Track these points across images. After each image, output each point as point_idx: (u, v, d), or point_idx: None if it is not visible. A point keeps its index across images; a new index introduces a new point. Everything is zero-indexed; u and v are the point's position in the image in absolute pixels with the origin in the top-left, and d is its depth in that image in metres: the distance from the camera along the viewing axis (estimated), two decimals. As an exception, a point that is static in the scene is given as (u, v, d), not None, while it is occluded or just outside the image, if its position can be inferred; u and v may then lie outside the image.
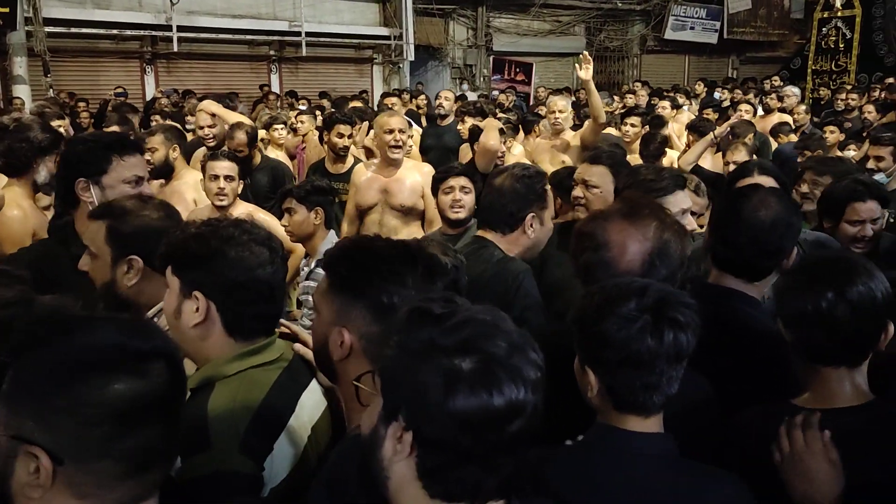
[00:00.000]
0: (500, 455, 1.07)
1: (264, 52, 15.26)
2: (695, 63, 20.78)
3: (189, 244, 1.64)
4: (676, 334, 1.44)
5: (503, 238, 2.60)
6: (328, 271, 1.56)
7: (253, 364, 1.63)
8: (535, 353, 1.10)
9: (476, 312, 1.12)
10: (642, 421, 1.49)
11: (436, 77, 17.37)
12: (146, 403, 1.08)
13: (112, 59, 13.96)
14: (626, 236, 1.82)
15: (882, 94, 10.83)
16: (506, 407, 1.04)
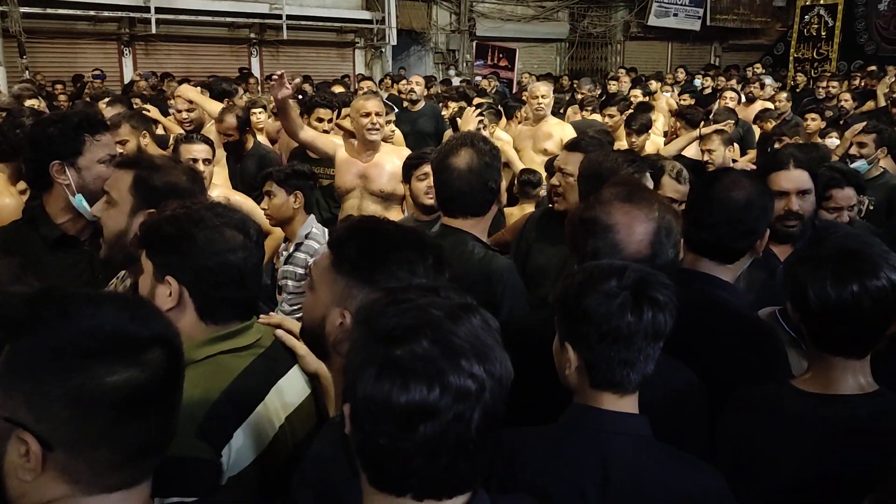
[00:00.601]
0: (411, 456, 1.03)
1: (244, 35, 15.11)
2: (678, 50, 20.83)
3: (161, 227, 1.62)
4: (655, 313, 1.48)
5: (480, 220, 2.43)
6: (335, 251, 1.53)
7: (223, 349, 1.61)
8: (479, 364, 1.04)
9: (432, 305, 1.08)
10: (617, 399, 1.51)
11: (418, 62, 17.29)
12: (144, 394, 1.06)
13: (89, 40, 13.77)
14: (632, 217, 1.82)
15: (862, 82, 10.92)
16: (408, 405, 1.00)
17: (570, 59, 19.36)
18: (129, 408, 1.06)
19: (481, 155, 2.39)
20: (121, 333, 1.07)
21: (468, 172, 2.37)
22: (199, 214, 1.63)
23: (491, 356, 1.06)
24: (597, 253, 1.80)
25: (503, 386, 1.07)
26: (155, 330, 1.11)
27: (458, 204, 2.42)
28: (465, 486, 1.09)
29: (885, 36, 16.34)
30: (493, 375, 1.05)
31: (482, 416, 1.03)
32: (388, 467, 1.06)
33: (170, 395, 1.13)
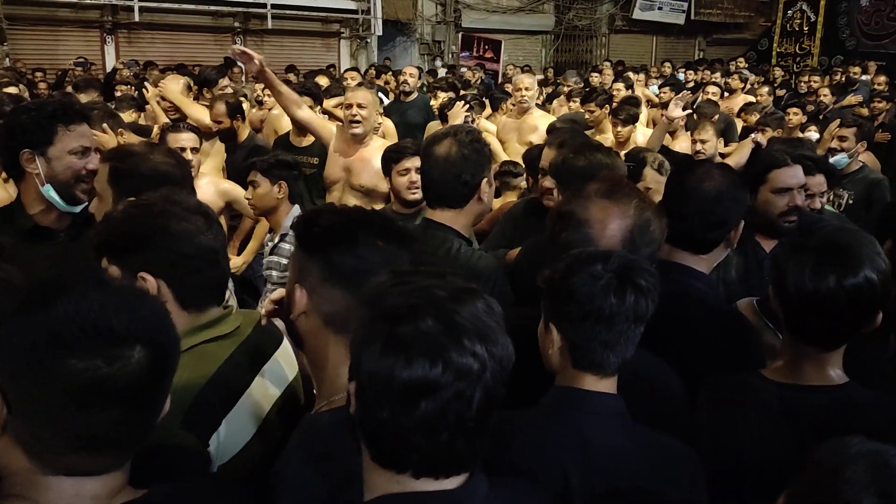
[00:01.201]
0: (412, 432, 1.06)
1: (228, 23, 14.98)
2: (662, 44, 20.87)
3: (124, 229, 1.62)
4: (637, 297, 1.52)
5: (459, 213, 2.39)
6: (295, 232, 1.57)
7: (207, 338, 1.62)
8: (481, 344, 1.07)
9: (437, 287, 1.11)
10: (598, 381, 1.55)
11: (404, 53, 17.22)
12: (103, 387, 1.06)
13: (71, 28, 13.61)
14: (607, 214, 1.84)
15: (842, 77, 11.01)
16: (410, 381, 1.04)
17: (555, 51, 19.35)
18: (82, 397, 1.05)
19: (461, 146, 2.36)
20: (97, 324, 1.06)
21: (443, 162, 2.36)
22: (160, 207, 1.63)
23: (493, 337, 1.09)
24: (568, 245, 1.82)
25: (504, 368, 1.10)
26: (140, 328, 1.10)
27: (433, 193, 2.42)
28: (463, 466, 1.12)
29: (866, 31, 16.46)
30: (495, 356, 1.08)
31: (483, 395, 1.07)
32: (389, 443, 1.08)
33: (142, 394, 1.11)
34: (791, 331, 1.72)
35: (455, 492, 1.12)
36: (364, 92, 4.56)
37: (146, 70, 11.69)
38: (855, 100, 9.47)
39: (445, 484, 1.11)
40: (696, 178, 2.18)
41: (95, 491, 1.13)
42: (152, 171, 2.04)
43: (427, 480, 1.10)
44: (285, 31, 15.51)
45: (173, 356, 1.18)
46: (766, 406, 1.70)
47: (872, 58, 13.90)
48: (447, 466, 1.11)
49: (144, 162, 2.07)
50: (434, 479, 1.10)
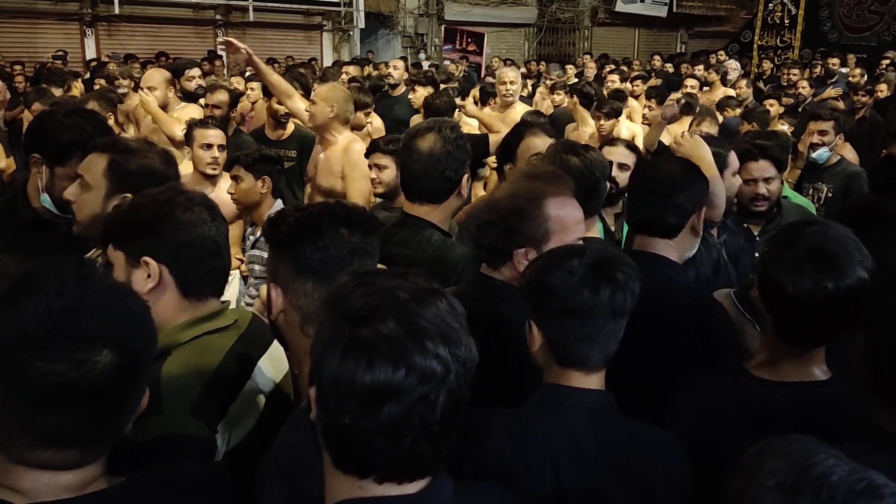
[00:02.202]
0: (375, 436, 1.04)
1: (210, 16, 14.88)
2: (644, 36, 20.94)
3: (131, 216, 1.64)
4: (613, 290, 1.53)
5: (437, 208, 2.39)
6: (265, 233, 1.59)
7: (208, 329, 1.64)
8: (444, 346, 1.05)
9: (400, 288, 1.09)
10: (584, 377, 1.56)
11: (386, 45, 17.17)
12: (68, 391, 1.06)
13: (50, 20, 13.48)
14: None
15: (822, 69, 11.10)
16: (372, 385, 1.01)
17: (538, 44, 19.37)
18: (47, 399, 1.06)
19: (445, 142, 2.35)
20: (65, 326, 1.06)
21: (427, 157, 2.34)
22: (166, 196, 1.67)
23: (456, 339, 1.07)
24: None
25: (468, 370, 1.08)
26: (111, 331, 1.09)
27: (415, 187, 2.40)
28: (427, 470, 1.10)
29: (847, 24, 16.57)
30: (459, 358, 1.06)
31: (447, 398, 1.04)
32: (351, 448, 1.06)
33: (109, 397, 1.10)
34: (779, 333, 1.71)
35: (416, 496, 1.09)
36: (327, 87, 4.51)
37: (126, 63, 11.59)
38: (834, 92, 9.54)
39: (408, 488, 1.09)
40: (653, 166, 2.35)
41: (67, 482, 1.13)
42: (149, 168, 2.05)
43: (390, 485, 1.08)
44: (267, 23, 15.42)
45: (145, 359, 1.17)
46: (752, 403, 1.71)
47: (854, 50, 14.02)
48: (411, 471, 1.09)
49: (143, 159, 2.08)
50: (397, 484, 1.08)
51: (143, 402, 1.21)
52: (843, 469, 0.94)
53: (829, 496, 0.92)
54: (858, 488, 0.92)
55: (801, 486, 0.93)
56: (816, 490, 0.92)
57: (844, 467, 0.95)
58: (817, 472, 0.94)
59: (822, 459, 0.96)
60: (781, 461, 0.97)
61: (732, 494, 1.00)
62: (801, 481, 0.94)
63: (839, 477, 0.93)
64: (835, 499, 0.91)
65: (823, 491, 0.92)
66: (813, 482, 0.93)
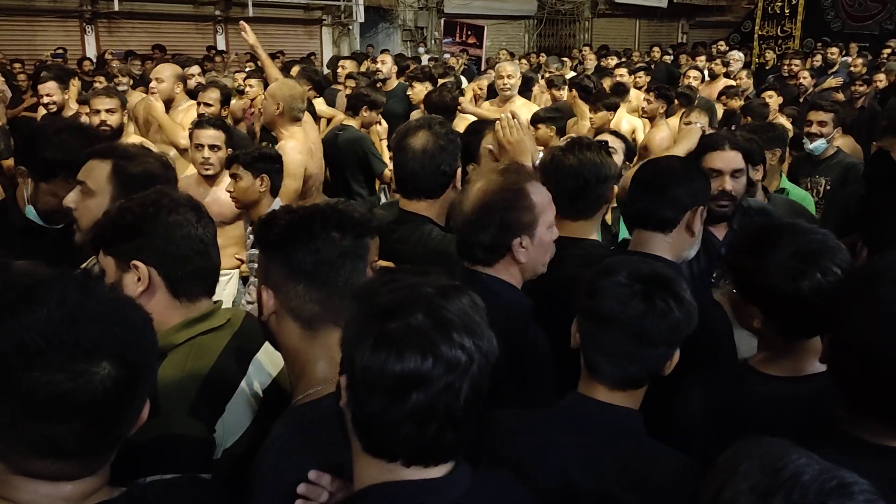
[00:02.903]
0: (402, 423, 1.10)
1: (209, 12, 14.87)
2: (645, 27, 20.88)
3: (117, 220, 1.66)
4: (646, 311, 1.51)
5: (434, 203, 2.43)
6: (256, 236, 1.60)
7: (201, 330, 1.66)
8: (469, 338, 1.11)
9: (424, 284, 1.16)
10: (609, 392, 1.56)
11: (386, 39, 17.15)
12: (64, 402, 1.05)
13: (50, 18, 13.47)
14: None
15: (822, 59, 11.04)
16: (402, 374, 1.08)
17: (538, 36, 19.33)
18: (43, 410, 1.05)
19: (437, 138, 2.39)
20: (63, 337, 1.05)
21: (422, 154, 2.38)
22: (152, 198, 1.68)
23: (479, 332, 1.14)
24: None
25: (489, 361, 1.15)
26: (110, 343, 1.09)
27: (412, 185, 2.43)
28: (450, 455, 1.17)
29: (850, 13, 16.51)
30: (481, 350, 1.13)
31: (470, 387, 1.11)
32: (380, 434, 1.13)
33: (106, 409, 1.10)
34: (782, 332, 1.72)
35: (440, 480, 1.16)
36: (273, 84, 4.51)
37: (127, 60, 11.60)
38: (835, 82, 9.51)
39: (432, 472, 1.16)
40: (653, 161, 2.32)
41: (67, 493, 1.13)
42: (151, 172, 2.08)
43: (416, 469, 1.15)
44: (267, 18, 15.40)
45: (145, 371, 1.16)
46: (769, 400, 1.70)
47: (857, 39, 13.96)
48: (436, 455, 1.15)
49: (144, 163, 2.10)
50: (423, 468, 1.15)
51: (144, 414, 1.20)
52: (815, 469, 0.97)
53: (800, 496, 0.95)
54: (829, 487, 0.95)
55: (773, 488, 0.96)
56: (789, 490, 0.95)
57: (816, 467, 0.98)
58: (789, 472, 0.97)
59: (794, 460, 0.98)
60: (754, 463, 0.99)
61: (708, 498, 1.02)
62: (774, 482, 0.96)
63: (810, 476, 0.96)
64: (806, 498, 0.95)
65: (795, 491, 0.95)
66: (785, 483, 0.96)
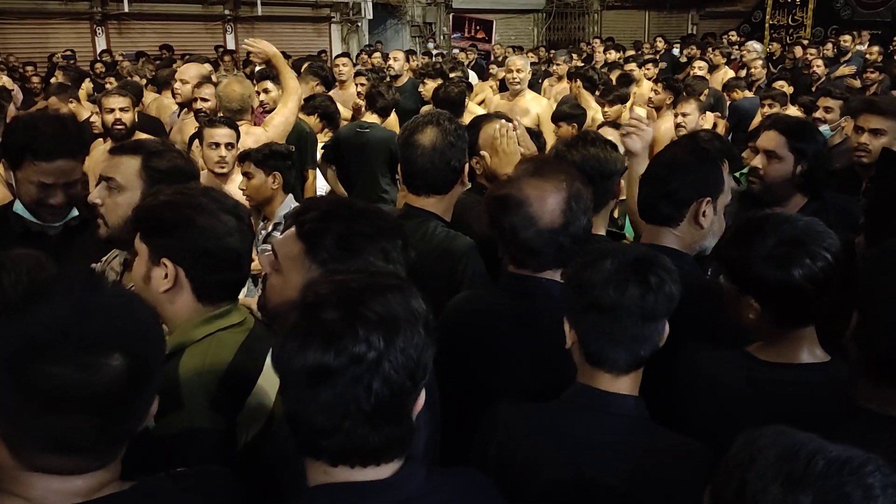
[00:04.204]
0: (316, 417, 1.10)
1: (219, 11, 14.93)
2: (654, 18, 20.76)
3: (159, 211, 1.66)
4: (643, 292, 1.52)
5: (442, 199, 2.42)
6: (309, 241, 1.55)
7: (220, 327, 1.67)
8: (375, 335, 1.09)
9: (353, 280, 1.16)
10: (613, 379, 1.56)
11: (395, 35, 17.16)
12: (74, 394, 1.06)
13: (61, 20, 13.57)
14: (542, 190, 1.89)
15: (834, 48, 10.98)
16: (303, 367, 1.09)
17: (547, 29, 19.27)
18: (54, 402, 1.06)
19: (446, 134, 2.38)
20: (71, 330, 1.07)
21: (431, 150, 2.37)
22: (197, 199, 1.67)
23: (395, 328, 1.10)
24: (514, 228, 1.87)
25: (411, 359, 1.11)
26: (119, 336, 1.10)
27: (421, 181, 2.42)
28: (387, 455, 1.15)
29: (861, 1, 16.39)
30: (396, 347, 1.10)
31: (383, 384, 1.08)
32: (301, 430, 1.14)
33: (116, 402, 1.11)
34: (777, 320, 1.71)
35: (383, 482, 1.15)
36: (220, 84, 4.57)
37: (138, 61, 11.67)
38: (848, 70, 9.44)
39: (375, 473, 1.15)
40: (660, 154, 2.25)
41: (77, 487, 1.14)
42: (178, 167, 2.10)
43: (355, 470, 1.14)
44: (276, 17, 15.45)
45: (154, 366, 1.18)
46: (763, 384, 1.71)
47: (868, 26, 13.85)
48: (361, 456, 1.13)
49: (171, 158, 2.12)
50: (361, 469, 1.14)
51: (154, 409, 1.21)
52: (831, 451, 0.97)
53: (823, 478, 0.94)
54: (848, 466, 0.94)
55: (794, 475, 0.95)
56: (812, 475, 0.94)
57: (831, 449, 0.97)
58: (805, 457, 0.96)
59: (806, 444, 0.98)
60: (770, 453, 0.98)
61: (732, 493, 1.00)
62: (793, 470, 0.96)
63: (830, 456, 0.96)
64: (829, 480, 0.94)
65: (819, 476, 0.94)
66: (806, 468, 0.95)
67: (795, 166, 2.78)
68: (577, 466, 1.50)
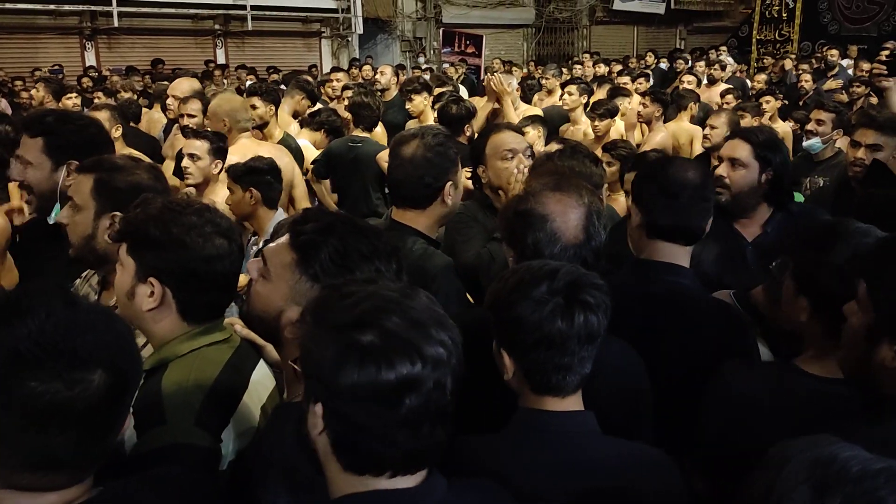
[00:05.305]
0: (398, 430, 1.10)
1: (209, 26, 14.94)
2: (643, 34, 20.92)
3: (149, 227, 1.62)
4: (587, 316, 1.48)
5: (422, 214, 2.38)
6: (303, 253, 1.52)
7: (206, 343, 1.65)
8: (443, 331, 1.12)
9: (382, 289, 1.16)
10: (560, 401, 1.52)
11: (385, 50, 17.20)
12: (62, 411, 1.06)
13: (50, 35, 13.55)
14: (564, 205, 1.85)
15: (822, 63, 11.06)
16: (396, 382, 1.07)
17: (536, 44, 19.37)
18: (40, 419, 1.05)
19: (426, 149, 2.35)
20: (60, 345, 1.06)
21: (408, 163, 2.35)
22: (190, 220, 1.63)
23: (448, 323, 1.15)
24: (537, 244, 1.82)
25: (461, 350, 1.15)
26: (103, 352, 1.10)
27: (397, 193, 2.42)
28: (436, 456, 1.17)
29: (847, 15, 16.55)
30: (455, 341, 1.13)
31: (453, 379, 1.12)
32: (372, 447, 1.11)
33: (99, 418, 1.11)
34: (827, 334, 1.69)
35: (413, 489, 1.16)
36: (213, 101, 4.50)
37: (128, 75, 11.64)
38: (835, 84, 9.51)
39: (405, 482, 1.15)
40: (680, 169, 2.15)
41: (51, 502, 1.13)
42: (137, 184, 2.03)
43: (388, 479, 1.14)
44: (266, 31, 15.47)
45: (133, 381, 1.18)
46: (805, 396, 1.69)
47: (855, 41, 13.99)
48: (426, 458, 1.16)
49: (131, 175, 2.06)
50: (398, 477, 1.14)
51: (127, 424, 1.21)
52: (863, 459, 0.95)
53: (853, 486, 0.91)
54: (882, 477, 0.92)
55: (826, 481, 0.93)
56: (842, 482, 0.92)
57: (864, 458, 0.95)
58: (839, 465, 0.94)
59: (841, 453, 0.96)
60: (804, 458, 0.97)
61: (759, 494, 0.99)
62: (825, 476, 0.94)
63: (860, 467, 0.93)
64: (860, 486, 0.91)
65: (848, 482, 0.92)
66: (837, 475, 0.93)
67: (761, 174, 2.79)
68: (541, 493, 1.45)
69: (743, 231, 2.85)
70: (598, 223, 1.88)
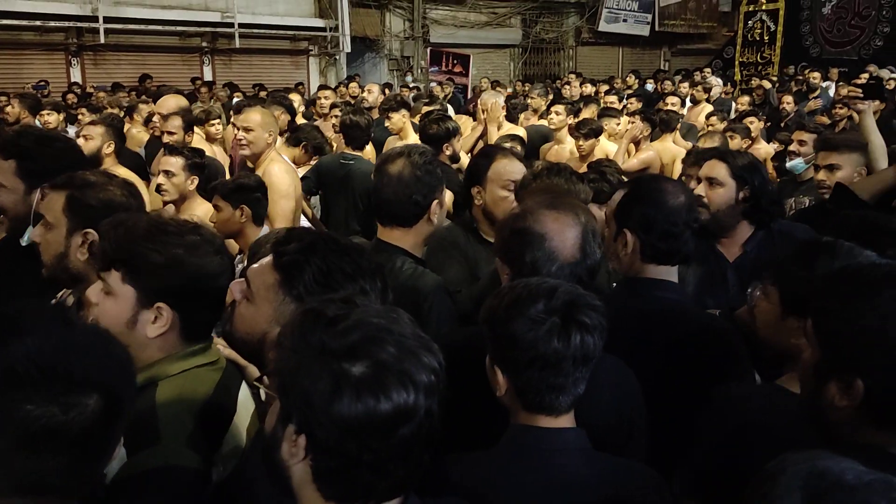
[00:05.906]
0: (391, 461, 1.08)
1: (196, 43, 14.93)
2: (628, 55, 21.15)
3: (148, 251, 1.57)
4: (584, 337, 1.47)
5: (408, 232, 2.39)
6: (286, 273, 1.49)
7: (197, 363, 1.63)
8: (432, 357, 1.10)
9: (370, 315, 1.12)
10: (553, 420, 1.51)
11: (373, 69, 17.27)
12: (56, 435, 1.04)
13: (36, 51, 13.47)
14: (561, 224, 1.86)
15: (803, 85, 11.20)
16: (393, 412, 1.05)
17: (523, 64, 19.53)
18: (34, 443, 1.04)
19: (414, 167, 2.36)
20: (57, 367, 1.05)
21: (396, 181, 2.36)
22: (191, 240, 1.61)
23: (434, 347, 1.12)
24: (535, 262, 1.82)
25: (444, 372, 1.13)
26: (100, 375, 1.09)
27: (385, 212, 2.41)
28: (418, 479, 1.15)
29: (828, 39, 16.82)
30: (441, 365, 1.12)
31: (440, 404, 1.10)
32: (360, 478, 1.08)
33: (92, 442, 1.09)
34: None
35: None
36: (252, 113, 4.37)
37: (115, 92, 11.60)
38: (815, 105, 9.63)
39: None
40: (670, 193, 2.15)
41: None
42: (110, 201, 2.00)
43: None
44: (253, 49, 15.48)
45: (127, 404, 1.16)
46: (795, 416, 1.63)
47: (836, 64, 14.19)
48: (408, 485, 1.13)
49: (102, 192, 2.03)
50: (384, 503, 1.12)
51: (117, 452, 1.20)
52: (857, 471, 0.95)
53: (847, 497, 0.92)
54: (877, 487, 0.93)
55: (819, 491, 0.93)
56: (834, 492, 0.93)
57: (858, 470, 0.96)
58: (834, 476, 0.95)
59: (835, 465, 0.96)
60: (799, 469, 0.97)
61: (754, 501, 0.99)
62: (819, 486, 0.94)
63: (853, 477, 0.94)
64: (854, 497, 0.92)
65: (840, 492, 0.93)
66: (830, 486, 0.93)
67: (738, 192, 2.86)
68: None
69: (724, 251, 2.89)
70: (594, 241, 1.89)
